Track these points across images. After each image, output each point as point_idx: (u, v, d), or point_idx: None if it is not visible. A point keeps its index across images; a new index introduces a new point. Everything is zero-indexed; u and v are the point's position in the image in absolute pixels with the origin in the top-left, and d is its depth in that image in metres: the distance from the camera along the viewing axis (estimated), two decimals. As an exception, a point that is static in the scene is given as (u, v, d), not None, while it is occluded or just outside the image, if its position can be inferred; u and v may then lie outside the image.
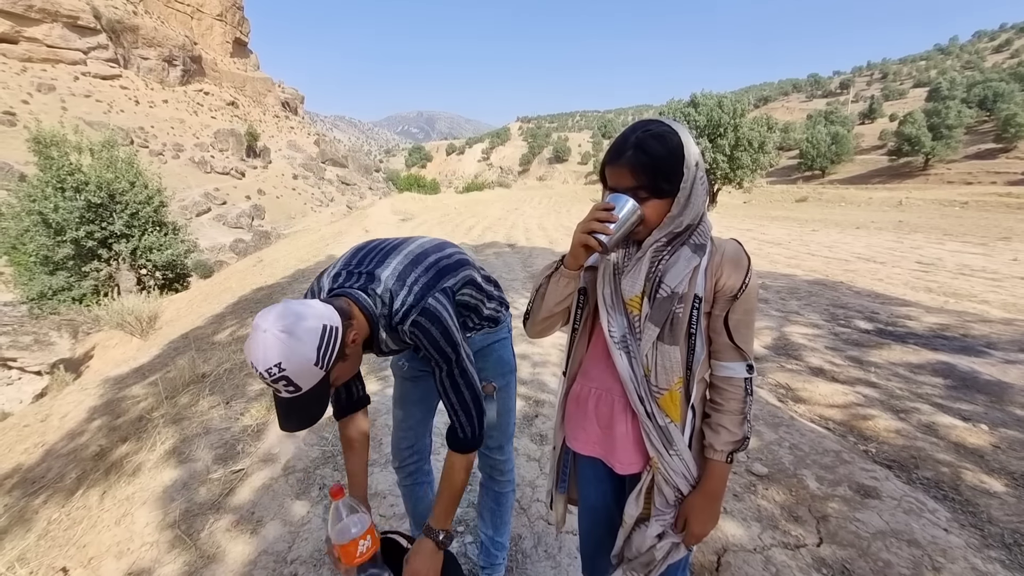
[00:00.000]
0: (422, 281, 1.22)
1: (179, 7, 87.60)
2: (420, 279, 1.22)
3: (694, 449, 1.07)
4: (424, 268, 1.25)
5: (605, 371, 1.11)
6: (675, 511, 1.08)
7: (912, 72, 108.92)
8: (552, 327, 1.16)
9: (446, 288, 1.24)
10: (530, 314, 1.14)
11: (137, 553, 2.00)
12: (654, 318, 1.00)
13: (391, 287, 1.20)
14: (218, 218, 46.51)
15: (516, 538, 2.00)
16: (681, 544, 1.10)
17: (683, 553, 1.13)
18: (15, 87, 52.49)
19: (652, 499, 1.09)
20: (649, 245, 1.00)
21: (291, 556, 1.92)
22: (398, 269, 1.23)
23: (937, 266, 8.38)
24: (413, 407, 1.61)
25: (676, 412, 1.03)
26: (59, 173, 12.93)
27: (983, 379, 3.27)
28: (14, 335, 14.37)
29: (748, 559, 1.80)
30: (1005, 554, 1.81)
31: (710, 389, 1.07)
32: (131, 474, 2.63)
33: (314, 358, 0.97)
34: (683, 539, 1.09)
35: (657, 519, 1.08)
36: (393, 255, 1.27)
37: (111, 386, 4.61)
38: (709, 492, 1.06)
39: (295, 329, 0.96)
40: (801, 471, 2.31)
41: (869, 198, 36.78)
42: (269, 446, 2.69)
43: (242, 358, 4.05)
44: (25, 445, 4.04)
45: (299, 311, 0.99)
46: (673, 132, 0.95)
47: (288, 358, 0.94)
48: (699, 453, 1.08)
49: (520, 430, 2.79)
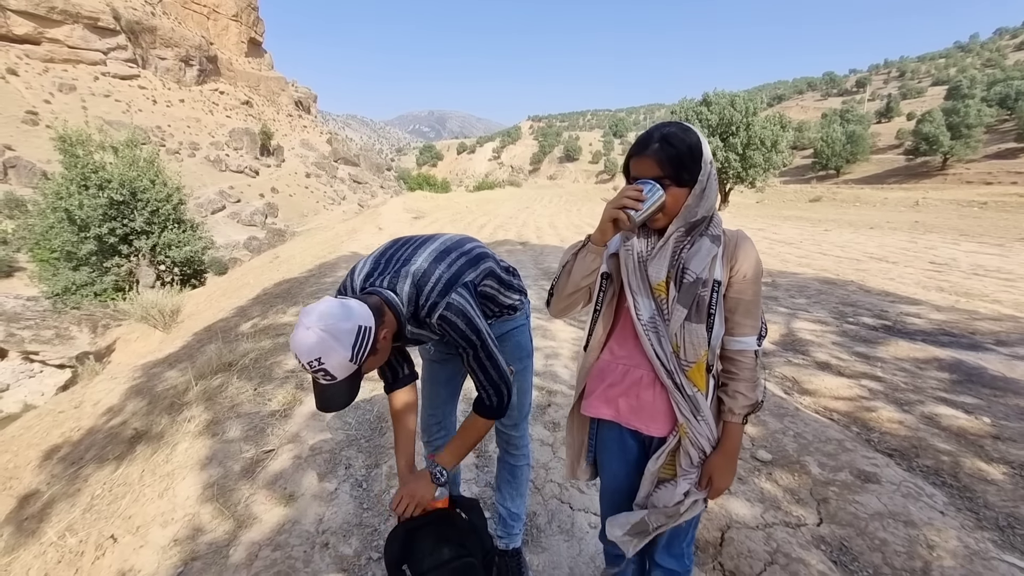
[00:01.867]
0: (446, 277, 1.35)
1: (196, 8, 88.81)
2: (444, 276, 1.35)
3: (714, 413, 1.20)
4: (447, 264, 1.38)
5: (632, 349, 1.25)
6: (699, 471, 1.22)
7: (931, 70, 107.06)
8: (575, 304, 1.28)
9: (467, 283, 1.38)
10: (555, 291, 1.27)
11: (180, 522, 2.15)
12: (682, 300, 1.13)
13: (418, 283, 1.33)
14: (232, 216, 47.17)
15: (531, 515, 2.12)
16: (700, 500, 1.24)
17: (701, 508, 1.26)
18: (37, 87, 53.65)
19: (677, 460, 1.22)
20: (671, 233, 1.13)
21: (322, 527, 2.06)
22: (423, 267, 1.36)
23: (951, 266, 8.36)
24: (440, 387, 1.75)
25: (702, 382, 1.16)
26: (83, 171, 13.27)
27: (988, 374, 3.33)
28: (36, 329, 14.79)
29: (750, 535, 1.90)
30: (998, 535, 1.91)
31: (724, 361, 1.20)
32: (169, 453, 2.80)
33: (350, 355, 1.13)
34: (707, 494, 1.23)
35: (684, 478, 1.22)
36: (419, 253, 1.41)
37: (141, 374, 4.81)
38: (728, 451, 1.20)
39: (335, 329, 1.12)
40: (804, 458, 2.41)
41: (885, 198, 36.35)
42: (296, 429, 2.84)
43: (266, 347, 4.22)
44: (62, 430, 4.24)
45: (339, 312, 1.14)
46: (692, 131, 1.10)
47: (327, 354, 1.11)
48: (717, 417, 1.21)
49: (534, 417, 2.91)
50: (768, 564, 1.76)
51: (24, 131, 44.47)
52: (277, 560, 1.88)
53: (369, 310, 1.20)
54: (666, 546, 1.35)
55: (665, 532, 1.31)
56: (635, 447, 1.33)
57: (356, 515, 2.13)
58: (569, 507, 2.16)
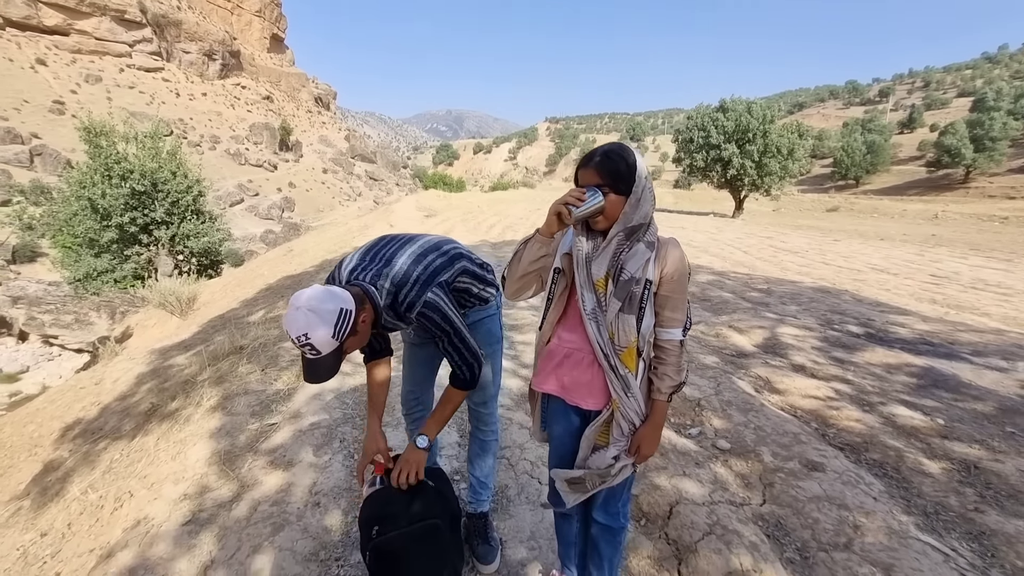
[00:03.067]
0: (423, 278, 1.58)
1: (220, 3, 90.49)
2: (421, 276, 1.59)
3: (643, 392, 1.42)
4: (424, 266, 1.62)
5: (577, 335, 1.47)
6: (628, 440, 1.44)
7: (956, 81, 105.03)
8: (526, 288, 1.50)
9: (442, 282, 1.62)
10: (507, 275, 1.50)
11: (190, 480, 2.42)
12: (618, 295, 1.35)
13: (397, 284, 1.57)
14: (250, 209, 48.04)
15: (503, 487, 2.35)
16: (629, 465, 1.46)
17: (630, 472, 1.49)
18: (64, 77, 55.14)
19: (610, 431, 1.44)
20: (612, 236, 1.35)
21: (315, 489, 2.31)
22: (403, 269, 1.59)
23: (951, 279, 8.41)
24: (419, 367, 2.00)
25: (633, 365, 1.38)
26: (107, 161, 13.76)
27: (955, 381, 3.48)
28: (57, 314, 15.32)
29: (695, 510, 2.11)
30: (922, 520, 2.09)
31: (656, 349, 1.42)
32: (182, 424, 3.08)
33: (332, 332, 1.36)
34: (634, 460, 1.45)
35: (614, 445, 1.44)
36: (399, 254, 1.64)
37: (157, 356, 5.13)
38: (655, 423, 1.43)
39: (320, 310, 1.35)
40: (760, 448, 2.61)
41: (903, 210, 35.93)
42: (298, 406, 3.10)
43: (275, 334, 4.50)
44: (82, 404, 4.56)
45: (324, 296, 1.38)
46: (630, 151, 1.33)
47: (313, 330, 1.34)
48: (647, 395, 1.43)
49: (516, 404, 3.14)
50: (706, 534, 1.97)
51: (51, 120, 45.75)
52: (274, 514, 2.13)
53: (351, 296, 1.44)
54: (603, 504, 1.57)
55: (602, 493, 1.54)
56: (576, 418, 1.55)
57: (346, 481, 2.38)
58: (538, 482, 2.38)
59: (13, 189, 33.29)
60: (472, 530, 2.00)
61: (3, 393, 12.86)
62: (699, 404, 3.14)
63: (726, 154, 31.17)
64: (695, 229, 17.22)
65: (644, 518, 2.13)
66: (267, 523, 2.08)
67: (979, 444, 2.64)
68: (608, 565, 1.64)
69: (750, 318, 5.11)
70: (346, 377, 3.47)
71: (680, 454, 2.57)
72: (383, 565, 1.52)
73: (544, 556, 1.95)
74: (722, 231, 17.01)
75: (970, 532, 2.03)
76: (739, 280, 7.35)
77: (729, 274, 7.88)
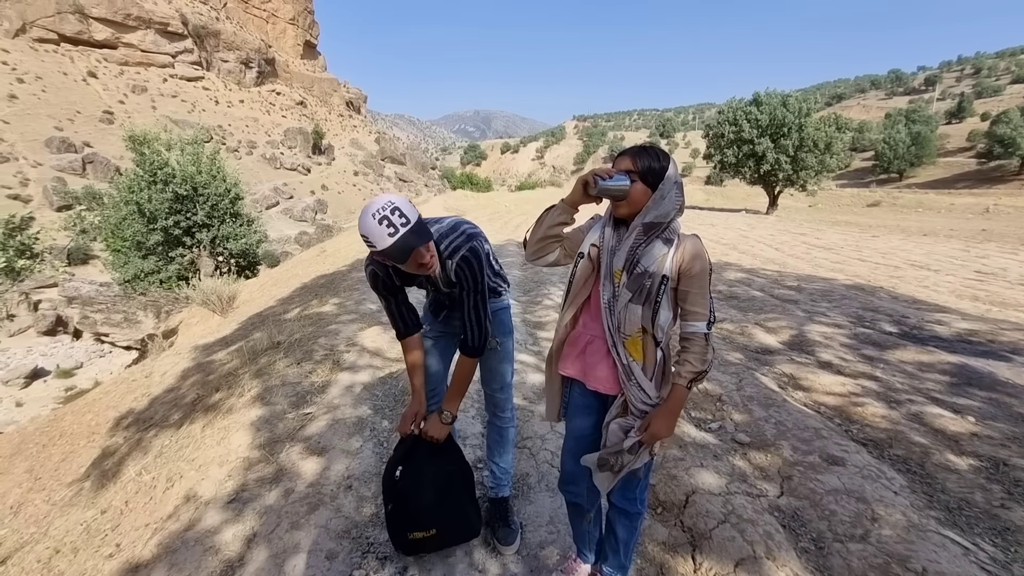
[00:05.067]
0: (468, 231, 1.75)
1: (256, 12, 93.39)
2: (467, 231, 1.76)
3: (656, 380, 1.47)
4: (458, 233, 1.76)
5: (598, 323, 1.55)
6: (640, 420, 1.50)
7: (1010, 67, 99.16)
8: (544, 251, 1.58)
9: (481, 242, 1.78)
10: (529, 238, 1.58)
11: (234, 463, 2.60)
12: (630, 287, 1.43)
13: (443, 233, 1.73)
14: (285, 211, 49.50)
15: (523, 475, 2.45)
16: (645, 451, 1.50)
17: (647, 458, 1.53)
18: (113, 88, 57.96)
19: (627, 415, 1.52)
20: (634, 227, 1.43)
21: (347, 474, 2.46)
22: (442, 230, 1.74)
23: (997, 276, 8.07)
24: (435, 361, 2.11)
25: (638, 353, 1.46)
26: (151, 168, 14.48)
27: (992, 379, 3.39)
28: (107, 313, 16.24)
29: (711, 500, 2.16)
30: (945, 515, 2.08)
31: (681, 340, 1.48)
32: (225, 413, 3.29)
33: (417, 215, 1.51)
34: (642, 436, 1.48)
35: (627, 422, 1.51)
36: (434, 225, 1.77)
37: (201, 351, 5.42)
38: (669, 407, 1.47)
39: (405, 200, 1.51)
40: (780, 442, 2.62)
41: (951, 204, 34.30)
42: (332, 398, 3.27)
43: (310, 331, 4.71)
44: (134, 395, 4.87)
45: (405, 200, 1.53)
46: (667, 155, 1.44)
47: (400, 202, 1.49)
48: (662, 384, 1.49)
49: (538, 398, 3.23)
50: (721, 522, 2.01)
51: (101, 129, 48.18)
52: (309, 494, 2.29)
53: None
54: (621, 489, 1.64)
55: (621, 477, 1.60)
56: (596, 404, 1.63)
57: (376, 467, 2.52)
58: (557, 470, 2.46)
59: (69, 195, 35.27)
60: (493, 514, 2.10)
61: (61, 387, 13.69)
62: (720, 399, 3.16)
63: (759, 149, 30.38)
64: (725, 226, 16.92)
65: (660, 506, 2.19)
66: (304, 503, 2.24)
67: (1011, 442, 2.59)
68: (623, 548, 1.71)
69: (778, 315, 5.05)
70: (376, 371, 3.62)
71: (699, 447, 2.61)
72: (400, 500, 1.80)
73: (562, 540, 2.04)
74: (754, 228, 16.66)
75: (994, 528, 2.01)
76: (769, 278, 7.24)
77: (759, 271, 7.76)
